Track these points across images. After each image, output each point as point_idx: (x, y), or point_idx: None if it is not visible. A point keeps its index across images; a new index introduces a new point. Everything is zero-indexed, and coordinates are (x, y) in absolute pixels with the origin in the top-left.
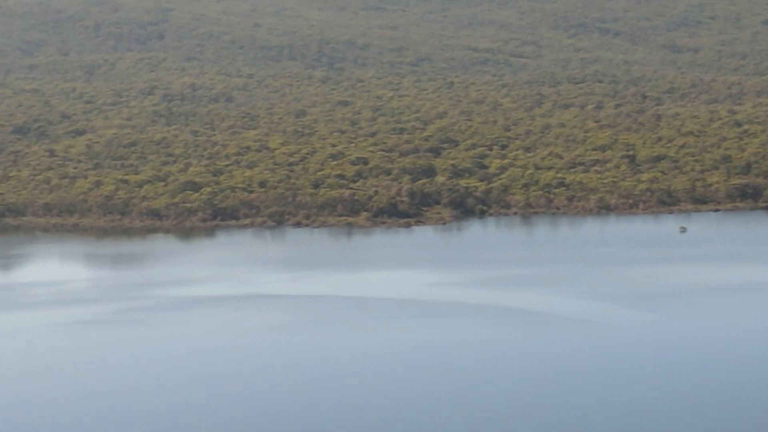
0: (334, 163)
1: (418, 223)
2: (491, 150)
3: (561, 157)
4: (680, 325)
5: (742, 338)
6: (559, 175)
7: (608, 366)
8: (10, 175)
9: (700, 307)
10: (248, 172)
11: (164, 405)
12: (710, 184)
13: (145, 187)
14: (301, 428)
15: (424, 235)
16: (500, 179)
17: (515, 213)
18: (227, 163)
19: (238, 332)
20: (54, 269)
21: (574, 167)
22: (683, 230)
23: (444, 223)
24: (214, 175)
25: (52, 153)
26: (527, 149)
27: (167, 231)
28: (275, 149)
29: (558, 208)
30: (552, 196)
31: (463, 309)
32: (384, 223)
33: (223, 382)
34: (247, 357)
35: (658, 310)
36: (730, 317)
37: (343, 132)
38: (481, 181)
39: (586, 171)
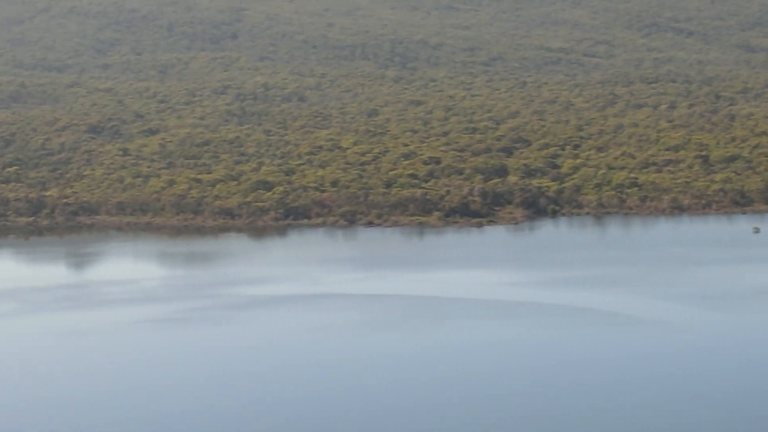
0: (406, 162)
1: (490, 222)
2: (564, 150)
3: (634, 157)
4: (751, 326)
5: None
6: (632, 175)
7: (676, 365)
8: (84, 174)
9: None
10: (320, 172)
11: (233, 400)
12: None
13: (218, 186)
14: (361, 424)
15: (496, 234)
16: (573, 179)
17: (588, 213)
18: (299, 162)
19: (307, 331)
20: (127, 268)
21: (647, 167)
22: (757, 231)
23: (516, 223)
24: (287, 175)
25: (125, 152)
26: (600, 149)
27: (239, 230)
28: (347, 149)
29: (630, 209)
30: (625, 196)
31: (534, 309)
32: (456, 222)
33: (291, 379)
34: (314, 355)
35: (730, 310)
36: None
37: (415, 131)
38: (554, 180)
39: (659, 171)
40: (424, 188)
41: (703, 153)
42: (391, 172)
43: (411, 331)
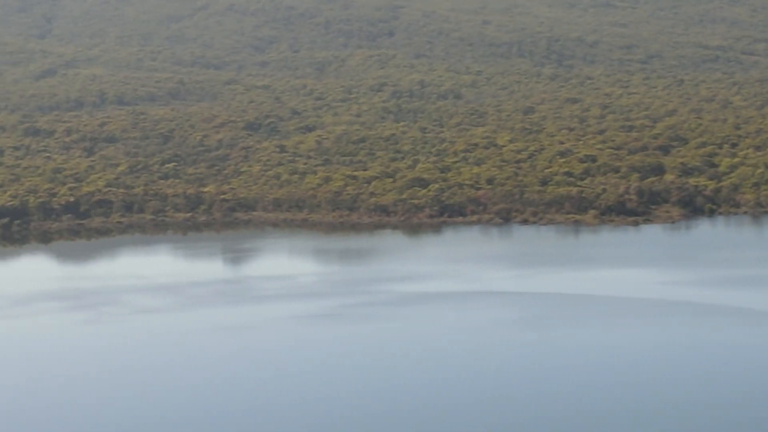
0: (562, 160)
1: (647, 221)
2: (721, 148)
3: None
4: None
5: None
6: None
7: None
8: (242, 170)
9: None
10: (476, 169)
11: (386, 388)
12: None
13: (374, 183)
14: (515, 418)
15: (652, 233)
16: (730, 178)
17: (745, 212)
18: (455, 159)
19: (462, 328)
20: (283, 264)
21: None
22: None
23: (672, 222)
24: (442, 172)
25: (282, 149)
26: (758, 148)
27: (395, 227)
28: (503, 146)
29: None
30: None
31: (690, 308)
32: (612, 221)
33: (444, 373)
34: (470, 350)
35: None
36: None
37: (571, 129)
38: (711, 179)
39: None
40: (579, 186)
41: None
42: (546, 170)
43: (567, 329)
